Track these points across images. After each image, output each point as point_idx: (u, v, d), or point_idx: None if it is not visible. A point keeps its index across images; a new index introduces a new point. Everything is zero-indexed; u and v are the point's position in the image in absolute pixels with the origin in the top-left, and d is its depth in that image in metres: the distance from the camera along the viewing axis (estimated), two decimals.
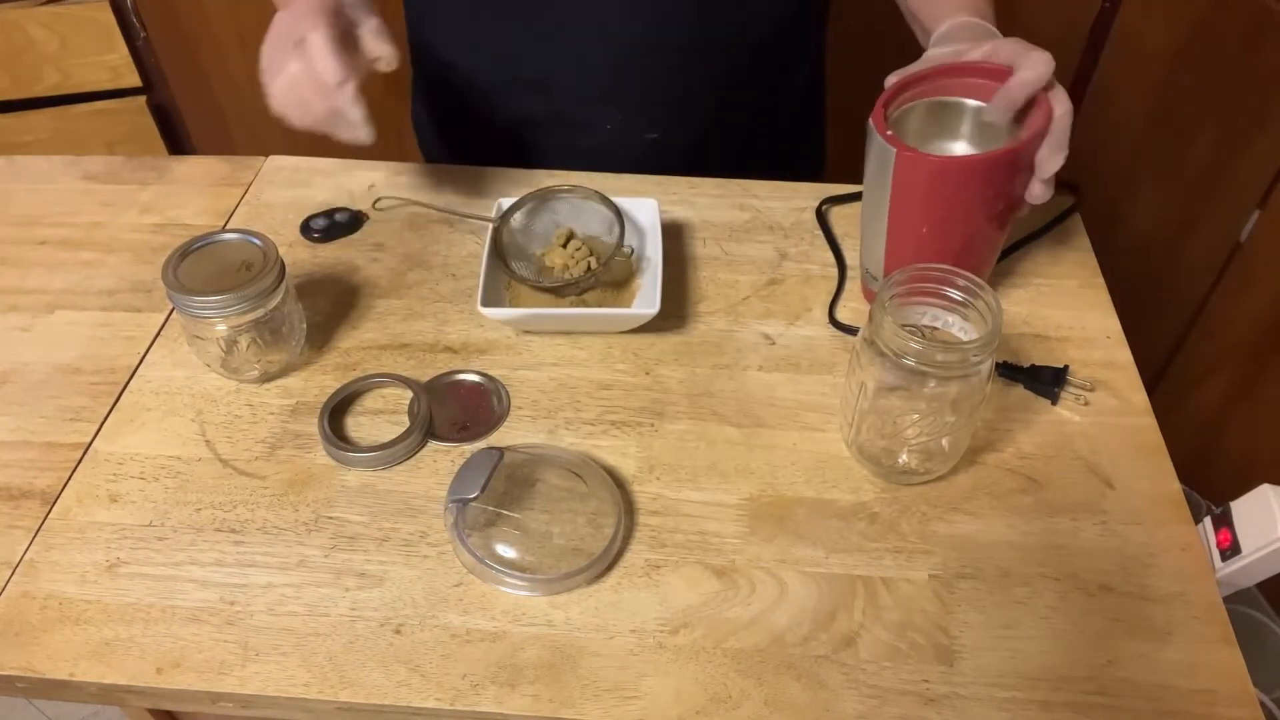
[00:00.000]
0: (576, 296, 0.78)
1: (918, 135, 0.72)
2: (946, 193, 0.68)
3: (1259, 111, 1.27)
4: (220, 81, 1.65)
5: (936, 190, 0.68)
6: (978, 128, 0.72)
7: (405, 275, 0.82)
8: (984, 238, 0.72)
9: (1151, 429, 0.69)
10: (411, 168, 0.93)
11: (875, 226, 0.72)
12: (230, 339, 0.69)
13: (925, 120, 0.72)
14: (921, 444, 0.64)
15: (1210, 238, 1.38)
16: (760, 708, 0.55)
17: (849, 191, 0.88)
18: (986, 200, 0.68)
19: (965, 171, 0.68)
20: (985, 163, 0.67)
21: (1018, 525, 0.64)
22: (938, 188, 0.68)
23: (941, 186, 0.68)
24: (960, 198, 0.68)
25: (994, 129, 0.70)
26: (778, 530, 0.63)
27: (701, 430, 0.70)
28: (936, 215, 0.69)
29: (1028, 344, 0.75)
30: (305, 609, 0.59)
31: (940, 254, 0.70)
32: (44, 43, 1.52)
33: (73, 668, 0.57)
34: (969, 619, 0.59)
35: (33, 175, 0.93)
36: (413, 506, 0.65)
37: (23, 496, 0.66)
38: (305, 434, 0.69)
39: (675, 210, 0.88)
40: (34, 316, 0.79)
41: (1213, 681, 0.56)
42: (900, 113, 0.71)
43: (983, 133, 0.72)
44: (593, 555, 0.60)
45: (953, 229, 0.70)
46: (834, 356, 0.75)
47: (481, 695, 0.55)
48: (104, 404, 0.71)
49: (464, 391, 0.73)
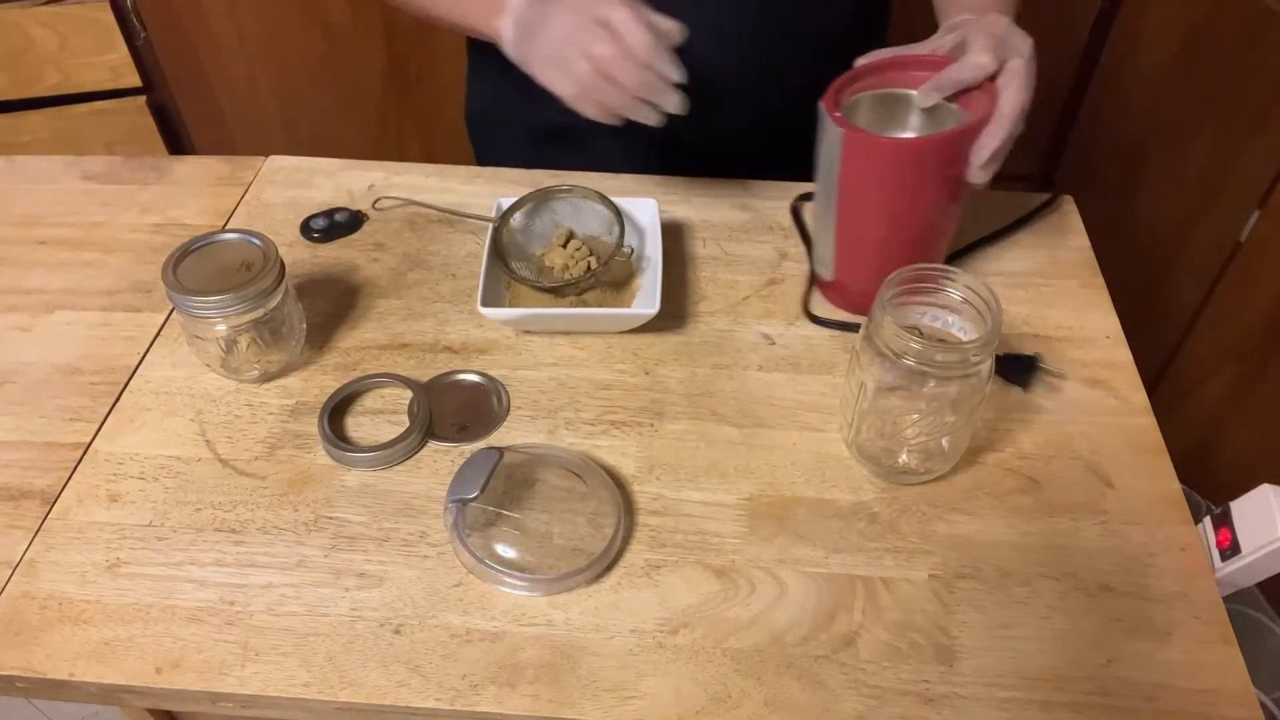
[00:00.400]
0: (576, 296, 0.78)
1: (868, 125, 0.73)
2: (889, 174, 0.69)
3: (1259, 111, 1.27)
4: (220, 81, 1.65)
5: (880, 171, 0.69)
6: (927, 119, 0.73)
7: (405, 275, 0.82)
8: (929, 221, 0.73)
9: (1151, 429, 0.69)
10: (411, 167, 0.93)
11: (825, 211, 0.73)
12: (230, 339, 0.69)
13: (875, 111, 0.73)
14: (921, 444, 0.64)
15: (1210, 238, 1.38)
16: (760, 708, 0.55)
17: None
18: (929, 184, 0.69)
19: (907, 153, 0.69)
20: (928, 145, 0.69)
21: (1018, 525, 0.64)
22: (881, 169, 0.69)
23: (884, 167, 0.69)
24: (903, 179, 0.69)
25: (944, 120, 0.71)
26: (778, 530, 0.63)
27: (701, 430, 0.70)
28: (881, 197, 0.70)
29: (1028, 344, 0.75)
30: (305, 609, 0.59)
31: (885, 238, 0.73)
32: (44, 43, 1.52)
33: (72, 668, 0.57)
34: (969, 619, 0.59)
35: (33, 175, 0.93)
36: (413, 506, 0.65)
37: (23, 496, 0.66)
38: (305, 434, 0.69)
39: (675, 210, 0.88)
40: (34, 316, 0.79)
41: (1213, 681, 0.56)
42: (851, 102, 0.72)
43: (932, 124, 0.73)
44: (593, 555, 0.60)
45: (897, 212, 0.71)
46: (834, 356, 0.75)
47: (481, 695, 0.55)
48: (104, 404, 0.71)
49: (464, 391, 0.73)
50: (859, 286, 0.76)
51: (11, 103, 1.58)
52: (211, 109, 1.68)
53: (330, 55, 1.64)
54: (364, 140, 1.74)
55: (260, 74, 1.65)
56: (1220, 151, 1.35)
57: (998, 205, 0.87)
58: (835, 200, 0.71)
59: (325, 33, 1.61)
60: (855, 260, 0.75)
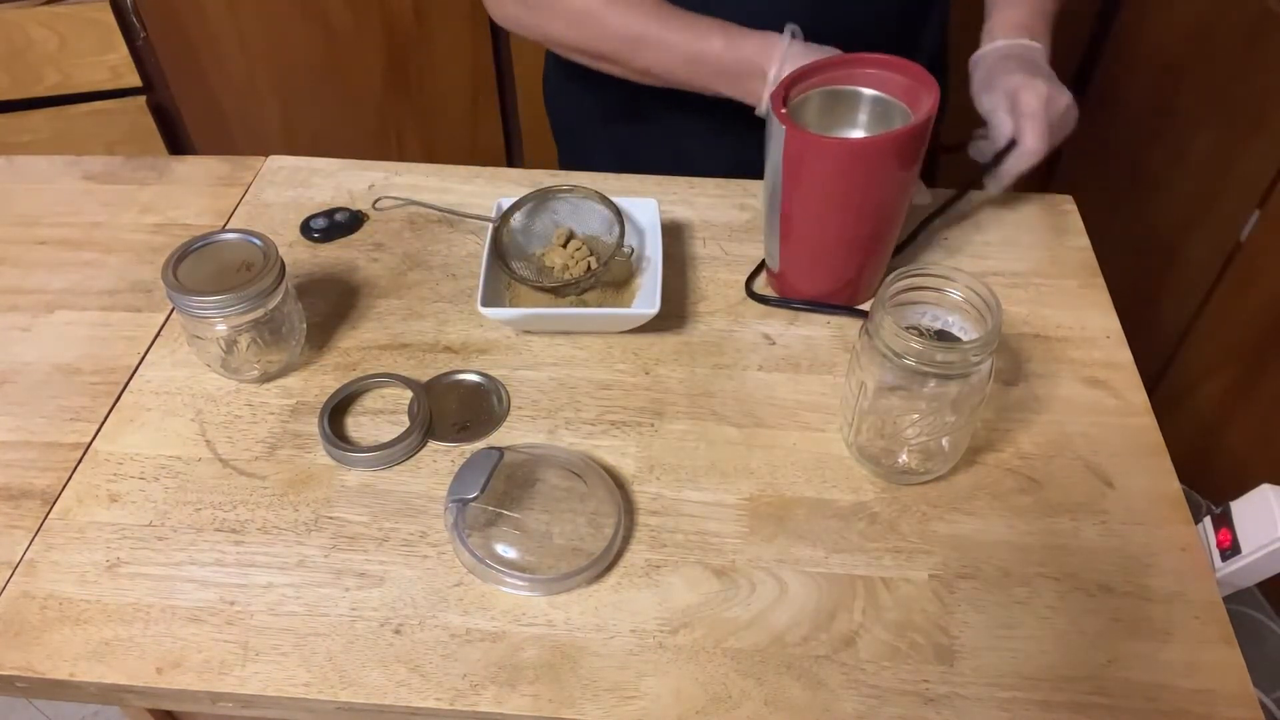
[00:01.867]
0: (576, 296, 0.78)
1: (816, 121, 0.73)
2: (829, 173, 0.69)
3: (1259, 111, 1.27)
4: (220, 81, 1.65)
5: (820, 170, 0.69)
6: (875, 116, 0.73)
7: (405, 275, 0.82)
8: (872, 219, 0.73)
9: (1151, 429, 0.69)
10: (411, 168, 0.93)
11: (771, 205, 0.74)
12: (230, 339, 0.69)
13: (824, 107, 0.73)
14: (921, 444, 0.64)
15: (1210, 238, 1.38)
16: (760, 708, 0.55)
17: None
18: (872, 184, 0.69)
19: (847, 153, 0.68)
20: (869, 146, 0.69)
21: (1018, 525, 0.64)
22: (821, 167, 0.69)
23: (824, 166, 0.69)
24: (843, 179, 0.69)
25: (892, 117, 0.72)
26: (778, 530, 0.63)
27: (701, 430, 0.70)
28: (821, 195, 0.70)
29: (1028, 344, 0.75)
30: (305, 609, 0.59)
31: (826, 234, 0.73)
32: (44, 43, 1.52)
33: (73, 668, 0.57)
34: (969, 619, 0.59)
35: (33, 175, 0.93)
36: (413, 506, 0.65)
37: (23, 496, 0.66)
38: (305, 434, 0.69)
39: (675, 210, 0.88)
40: (34, 316, 0.79)
41: (1213, 681, 0.56)
42: (801, 99, 0.72)
43: (881, 121, 0.73)
44: (593, 555, 0.60)
45: (839, 210, 0.71)
46: (834, 356, 0.75)
47: (481, 695, 0.55)
48: (104, 404, 0.71)
49: (464, 391, 0.73)
50: (802, 279, 0.77)
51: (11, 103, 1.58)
52: (211, 109, 1.68)
53: (330, 55, 1.64)
54: (364, 140, 1.74)
55: (260, 74, 1.65)
56: (1220, 151, 1.35)
57: (998, 205, 0.87)
58: (779, 196, 0.72)
59: (325, 33, 1.61)
60: (798, 254, 0.76)
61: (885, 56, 0.71)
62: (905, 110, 0.70)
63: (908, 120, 0.69)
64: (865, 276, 0.77)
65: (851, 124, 0.74)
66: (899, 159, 0.68)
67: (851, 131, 0.74)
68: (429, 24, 1.62)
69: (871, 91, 0.72)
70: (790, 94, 0.71)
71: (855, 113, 0.74)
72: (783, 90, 0.70)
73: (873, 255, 0.76)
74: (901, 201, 0.73)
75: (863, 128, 0.74)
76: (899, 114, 0.71)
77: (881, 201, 0.71)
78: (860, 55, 0.72)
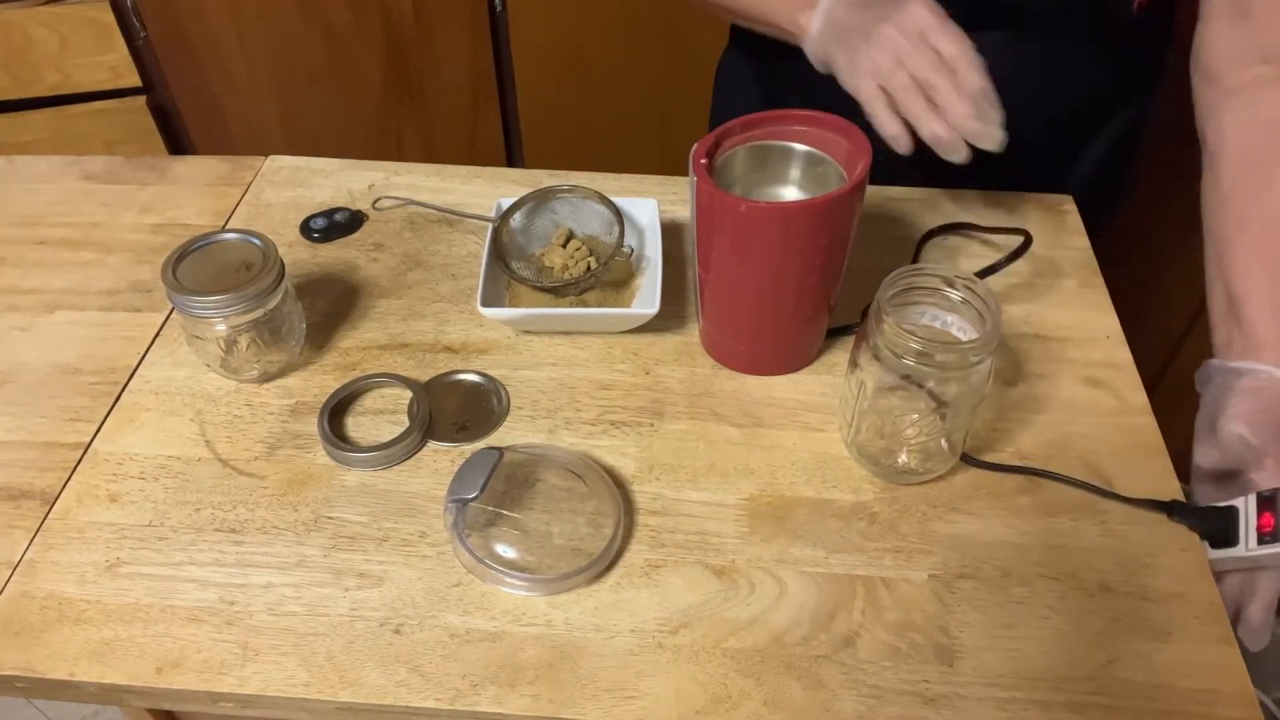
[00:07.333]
0: (576, 296, 0.78)
1: (744, 177, 0.70)
2: (741, 235, 0.65)
3: None
4: (220, 81, 1.65)
5: (732, 231, 0.65)
6: (806, 175, 0.70)
7: (405, 275, 0.82)
8: (793, 284, 0.67)
9: (1151, 429, 0.69)
10: (411, 167, 0.93)
11: (691, 261, 0.70)
12: (230, 339, 0.69)
13: (752, 163, 0.70)
14: (921, 444, 0.64)
15: None
16: (760, 708, 0.55)
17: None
18: (790, 249, 0.65)
19: (761, 216, 0.63)
20: (788, 211, 0.65)
21: (1018, 525, 0.64)
22: (733, 228, 0.65)
23: (736, 227, 0.64)
24: (757, 242, 0.65)
25: (827, 177, 0.68)
26: (777, 530, 0.63)
27: (701, 430, 0.69)
28: (735, 257, 0.66)
29: (1027, 344, 0.75)
30: (305, 609, 0.59)
31: (741, 296, 0.69)
32: (44, 43, 1.52)
33: (72, 668, 0.57)
34: (969, 619, 0.59)
35: (32, 175, 0.93)
36: (412, 506, 0.65)
37: (23, 496, 0.66)
38: (305, 434, 0.69)
39: (675, 210, 0.88)
40: (34, 316, 0.79)
41: (1213, 681, 0.56)
42: (729, 154, 0.68)
43: (812, 181, 0.69)
44: (592, 555, 0.60)
45: (754, 272, 0.67)
46: (834, 356, 0.75)
47: (481, 695, 0.55)
48: (104, 404, 0.71)
49: (464, 391, 0.73)
50: (720, 338, 0.74)
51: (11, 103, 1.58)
52: (211, 109, 1.68)
53: (330, 55, 1.64)
54: (364, 140, 1.74)
55: (260, 74, 1.65)
56: None
57: (998, 205, 0.87)
58: (695, 251, 0.68)
59: (325, 33, 1.61)
60: (715, 311, 0.72)
61: (818, 114, 0.67)
62: (838, 170, 0.67)
63: (840, 182, 0.65)
64: (786, 346, 0.72)
65: (783, 181, 0.70)
66: (815, 226, 0.63)
67: (785, 189, 0.71)
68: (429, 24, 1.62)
69: (802, 147, 0.68)
70: (719, 148, 0.67)
71: (787, 169, 0.70)
72: (712, 142, 0.66)
73: (795, 324, 0.71)
74: (827, 272, 0.67)
75: (794, 184, 0.70)
76: (832, 173, 0.67)
77: (803, 269, 0.66)
78: (790, 113, 0.68)
